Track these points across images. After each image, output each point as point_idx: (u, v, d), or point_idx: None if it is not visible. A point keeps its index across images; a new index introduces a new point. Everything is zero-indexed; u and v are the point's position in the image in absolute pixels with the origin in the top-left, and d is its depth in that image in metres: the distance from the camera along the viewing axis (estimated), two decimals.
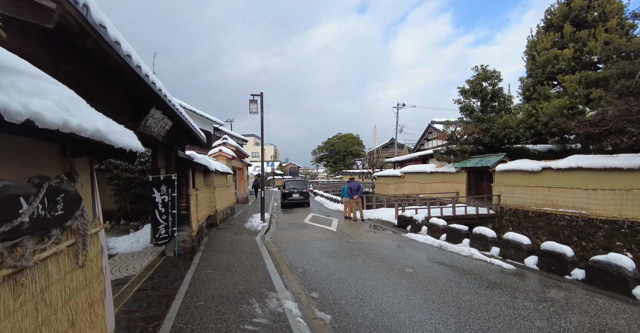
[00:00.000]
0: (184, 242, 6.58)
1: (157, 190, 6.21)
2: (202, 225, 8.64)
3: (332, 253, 7.05)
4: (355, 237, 8.82)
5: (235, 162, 16.18)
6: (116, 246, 7.10)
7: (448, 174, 16.18)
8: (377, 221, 11.88)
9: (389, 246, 7.71)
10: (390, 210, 13.81)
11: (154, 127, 4.58)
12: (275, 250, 7.44)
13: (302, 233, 9.51)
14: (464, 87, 16.73)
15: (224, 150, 13.04)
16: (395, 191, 21.07)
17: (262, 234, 9.37)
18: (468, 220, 12.43)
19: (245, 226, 10.65)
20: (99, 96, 3.14)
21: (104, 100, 3.28)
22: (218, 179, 10.96)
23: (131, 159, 2.57)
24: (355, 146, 48.95)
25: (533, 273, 5.50)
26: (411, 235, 8.89)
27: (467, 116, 16.43)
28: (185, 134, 6.96)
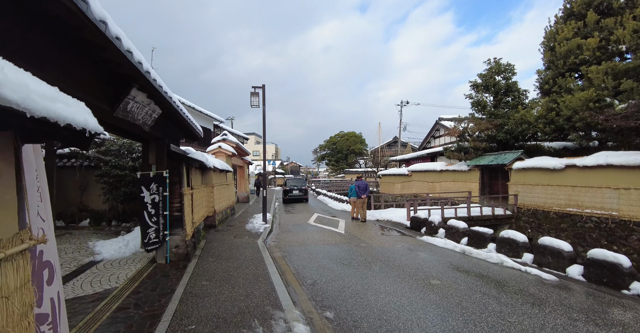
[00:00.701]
0: (177, 247, 5.83)
1: (147, 189, 5.46)
2: (198, 227, 7.90)
3: (343, 259, 6.29)
4: (367, 241, 8.06)
5: (235, 160, 15.42)
6: (102, 251, 6.36)
7: (459, 172, 15.40)
8: (387, 223, 11.11)
9: (405, 251, 6.95)
10: (400, 210, 13.04)
11: (137, 113, 3.82)
12: (280, 255, 6.69)
13: (308, 236, 8.76)
14: (476, 81, 15.93)
15: (223, 147, 12.29)
16: (402, 190, 20.30)
17: (265, 237, 8.61)
18: (484, 221, 11.67)
19: (246, 227, 9.90)
20: (56, 68, 2.38)
21: (66, 74, 2.53)
22: (217, 177, 10.21)
23: (82, 143, 1.81)
24: (357, 145, 48.16)
25: (580, 286, 4.73)
26: (427, 238, 8.13)
27: (480, 111, 15.63)
28: (179, 127, 6.21)
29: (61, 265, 5.50)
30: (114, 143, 8.02)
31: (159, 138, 5.61)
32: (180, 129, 6.46)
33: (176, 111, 4.75)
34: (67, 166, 9.56)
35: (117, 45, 2.42)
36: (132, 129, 4.75)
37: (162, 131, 5.55)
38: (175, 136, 6.55)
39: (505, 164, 12.58)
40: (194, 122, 6.27)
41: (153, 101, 4.06)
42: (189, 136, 7.30)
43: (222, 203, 10.85)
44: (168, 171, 5.66)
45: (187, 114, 5.52)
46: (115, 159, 7.90)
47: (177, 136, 6.69)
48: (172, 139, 6.48)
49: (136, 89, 3.49)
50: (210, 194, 9.41)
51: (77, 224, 9.31)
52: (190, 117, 5.91)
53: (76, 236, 8.05)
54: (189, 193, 6.30)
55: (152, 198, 5.49)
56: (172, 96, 4.41)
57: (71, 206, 9.38)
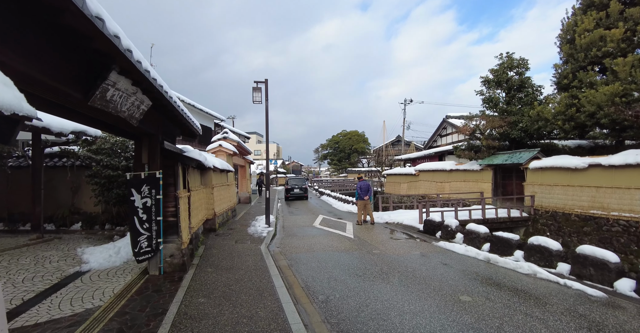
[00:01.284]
0: (172, 257, 5.23)
1: (137, 192, 4.86)
2: (197, 231, 7.30)
3: (356, 269, 5.67)
4: (379, 247, 7.44)
5: (236, 159, 14.83)
6: (90, 259, 5.76)
7: (471, 172, 14.75)
8: (398, 226, 10.49)
9: (423, 260, 6.33)
10: (410, 212, 12.40)
11: (120, 104, 3.21)
12: (285, 264, 6.08)
13: (315, 241, 8.15)
14: (487, 76, 15.27)
15: (224, 145, 11.68)
16: (409, 190, 19.67)
17: (268, 242, 8.01)
18: (499, 224, 11.05)
19: (248, 231, 9.29)
20: None
21: (22, 47, 1.92)
22: (217, 177, 9.61)
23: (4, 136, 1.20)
24: (360, 144, 47.52)
25: (636, 305, 4.10)
26: (445, 244, 7.50)
27: (491, 108, 14.98)
28: (175, 122, 5.59)
29: (42, 277, 4.92)
30: (106, 141, 7.43)
31: (152, 134, 5.00)
32: (176, 126, 5.85)
33: (168, 103, 4.14)
34: (57, 166, 8.98)
35: (79, 4, 1.80)
36: (118, 124, 4.15)
37: (154, 126, 4.95)
38: (170, 132, 5.95)
39: (521, 164, 11.94)
40: (191, 118, 5.66)
41: (140, 90, 3.45)
42: (187, 134, 6.70)
43: (223, 204, 10.25)
44: (162, 172, 5.05)
45: (182, 108, 4.91)
46: (108, 158, 7.31)
47: (172, 133, 6.08)
48: (167, 136, 5.87)
49: (116, 73, 2.88)
50: (210, 196, 8.81)
51: (68, 227, 8.73)
52: (186, 112, 5.30)
53: (65, 242, 7.47)
54: (185, 195, 5.69)
55: (143, 201, 4.89)
56: (164, 85, 3.80)
57: (62, 209, 8.80)
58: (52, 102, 2.99)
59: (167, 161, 5.29)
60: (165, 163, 5.28)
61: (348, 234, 9.07)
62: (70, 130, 7.23)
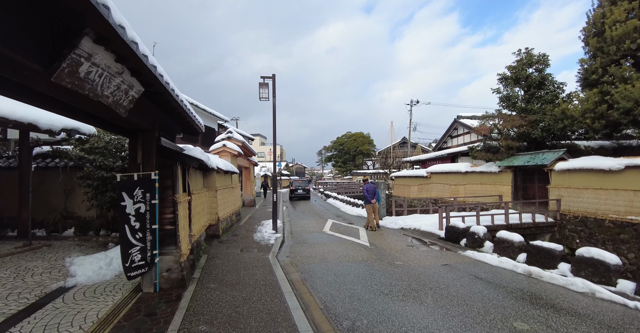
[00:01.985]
0: (170, 271, 4.52)
1: (129, 196, 4.17)
2: (199, 239, 6.60)
3: (381, 285, 4.93)
4: (400, 257, 6.69)
5: (241, 160, 14.16)
6: (78, 272, 5.08)
7: (488, 174, 13.95)
8: (415, 232, 9.73)
9: (455, 273, 5.57)
10: (426, 216, 11.63)
11: (101, 85, 2.52)
12: (298, 277, 5.35)
13: (327, 249, 7.42)
14: (505, 74, 14.51)
15: (228, 145, 11.01)
16: (419, 193, 18.88)
17: (277, 250, 7.30)
18: (523, 230, 10.25)
19: (254, 237, 8.58)
20: None
21: None
22: (221, 179, 8.93)
23: None
24: (365, 145, 46.77)
25: None
26: (474, 254, 6.74)
27: (509, 107, 14.20)
28: (174, 116, 4.92)
29: (18, 295, 4.23)
30: (99, 139, 6.77)
31: (146, 129, 4.33)
32: (176, 120, 5.17)
33: (164, 90, 3.46)
34: (49, 166, 8.34)
35: None
36: (103, 114, 3.47)
37: (149, 120, 4.27)
38: (169, 129, 5.27)
39: (545, 165, 11.14)
40: (191, 111, 4.98)
41: (127, 69, 2.77)
42: (188, 130, 6.02)
43: (227, 208, 9.56)
44: (158, 173, 4.36)
45: (182, 99, 4.23)
46: (101, 158, 6.65)
47: (171, 129, 5.40)
48: (166, 132, 5.20)
49: (91, 41, 2.19)
50: (213, 199, 8.12)
51: (61, 233, 8.07)
52: (187, 104, 4.62)
53: (55, 250, 6.80)
54: (185, 200, 4.99)
55: (136, 207, 4.19)
56: (157, 66, 3.12)
57: (54, 213, 8.14)
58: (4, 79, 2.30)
59: (165, 161, 4.61)
60: (162, 163, 4.59)
61: (362, 241, 8.33)
62: (60, 127, 6.58)
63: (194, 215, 5.95)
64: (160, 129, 4.77)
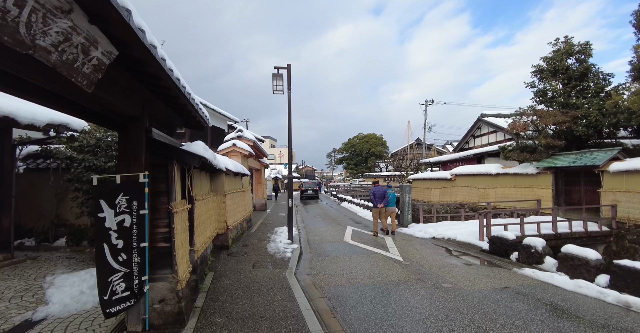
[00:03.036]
0: (163, 302, 3.48)
1: (110, 205, 3.15)
2: (204, 253, 5.58)
3: (435, 320, 3.78)
4: (445, 276, 5.52)
5: (252, 161, 13.18)
6: (53, 298, 4.11)
7: (523, 176, 12.60)
8: (450, 243, 8.51)
9: (525, 302, 4.37)
10: (458, 224, 10.38)
11: (26, 25, 1.49)
12: (326, 306, 4.25)
13: (354, 265, 6.29)
14: (540, 66, 13.18)
15: (238, 145, 10.03)
16: (442, 197, 17.56)
17: (295, 265, 6.22)
18: (574, 240, 8.92)
19: (268, 249, 7.53)
20: None
21: None
22: (230, 182, 7.92)
23: None
24: (378, 147, 45.46)
25: None
26: (534, 272, 5.52)
27: (545, 102, 12.84)
28: (170, 103, 3.90)
29: None
30: (90, 135, 5.84)
31: (133, 117, 3.32)
32: (175, 109, 4.16)
33: (150, 57, 2.42)
34: (40, 168, 7.49)
35: None
36: (63, 91, 2.46)
37: (137, 105, 3.26)
38: (165, 120, 4.27)
39: (596, 166, 9.78)
40: (193, 99, 3.95)
41: (78, 7, 1.74)
42: (190, 124, 5.02)
43: (237, 215, 8.54)
44: (148, 175, 3.34)
45: (178, 77, 3.20)
46: (92, 157, 5.70)
47: (168, 120, 4.40)
48: (162, 125, 4.20)
49: None
50: (222, 205, 7.11)
51: (51, 243, 7.19)
52: (188, 89, 3.60)
53: (40, 264, 5.88)
54: (184, 208, 3.95)
55: (118, 220, 3.17)
56: (146, 29, 2.11)
57: (44, 220, 7.27)
58: None
59: (158, 159, 3.58)
60: (154, 162, 3.58)
61: (393, 254, 7.17)
62: (45, 122, 5.67)
63: (198, 226, 4.93)
64: (153, 119, 3.76)
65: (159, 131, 3.73)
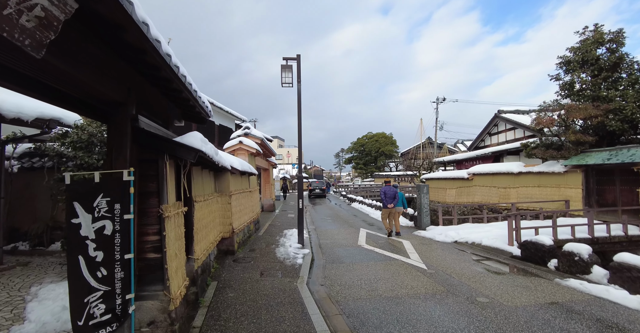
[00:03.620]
0: (153, 325, 2.90)
1: (86, 208, 2.59)
2: (207, 261, 5.02)
3: None
4: (479, 288, 4.83)
5: (259, 160, 12.63)
6: (32, 314, 3.59)
7: (549, 175, 11.75)
8: (475, 247, 7.79)
9: (583, 323, 3.66)
10: (481, 226, 9.63)
11: None
12: (345, 327, 3.61)
13: (373, 274, 5.65)
14: (566, 56, 12.30)
15: (245, 142, 9.47)
16: (458, 198, 16.75)
17: (307, 273, 5.61)
18: (612, 245, 8.14)
19: (277, 254, 6.94)
20: None
21: None
22: (236, 181, 7.36)
23: None
24: (388, 146, 44.57)
25: None
26: (582, 284, 4.79)
27: (572, 96, 11.96)
28: (159, 83, 3.33)
29: None
30: (82, 130, 5.34)
31: (117, 103, 2.75)
32: (168, 96, 3.59)
33: (126, 18, 1.84)
34: (35, 167, 7.04)
35: None
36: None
37: (121, 88, 2.70)
38: (161, 111, 3.71)
39: (636, 163, 8.91)
40: (191, 85, 3.38)
41: None
42: (189, 115, 4.45)
43: (244, 217, 7.98)
44: (134, 171, 2.77)
45: (170, 53, 2.62)
46: (84, 154, 5.20)
47: (164, 111, 3.84)
48: (157, 116, 3.63)
49: None
50: (227, 206, 6.55)
51: (47, 247, 6.72)
52: (182, 69, 3.02)
53: (30, 271, 5.40)
54: (178, 212, 3.35)
55: (97, 226, 2.61)
56: None
57: (39, 223, 6.82)
58: None
59: (146, 154, 3.01)
60: (143, 157, 3.00)
61: (415, 261, 6.50)
62: (34, 116, 5.19)
63: (198, 230, 4.37)
64: (146, 108, 3.20)
65: (150, 121, 3.16)
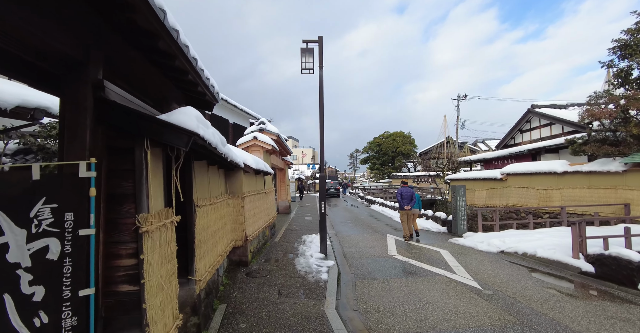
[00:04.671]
0: None
1: (16, 220, 1.67)
2: (214, 278, 4.09)
3: None
4: (557, 318, 3.70)
5: (275, 159, 11.73)
6: None
7: (602, 174, 10.31)
8: (529, 259, 6.58)
9: None
10: (529, 233, 8.34)
11: None
12: None
13: (416, 295, 4.59)
14: (622, 39, 10.81)
15: (260, 138, 8.57)
16: (489, 200, 15.36)
17: (335, 293, 4.60)
18: None
19: (297, 266, 5.97)
20: None
21: None
22: (250, 181, 6.44)
23: None
24: (406, 146, 43.04)
25: None
26: None
27: (629, 84, 10.49)
28: (143, 46, 2.41)
29: None
30: None
31: (72, 62, 1.83)
32: (159, 65, 2.67)
33: None
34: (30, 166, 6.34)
35: None
36: None
37: (77, 40, 1.78)
38: (150, 87, 2.79)
39: None
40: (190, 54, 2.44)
41: None
42: (191, 97, 3.53)
43: (259, 221, 7.06)
44: (98, 165, 1.86)
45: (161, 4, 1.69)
46: None
47: (158, 90, 2.92)
48: (142, 92, 2.72)
49: None
50: (239, 210, 5.63)
51: None
52: (175, 25, 2.08)
53: None
54: (164, 223, 2.39)
55: (34, 248, 1.70)
56: None
57: None
58: None
59: (119, 140, 2.08)
60: (113, 144, 2.08)
61: (463, 277, 5.39)
62: (14, 104, 4.40)
63: (202, 242, 3.45)
64: (121, 76, 2.29)
65: (133, 97, 2.24)
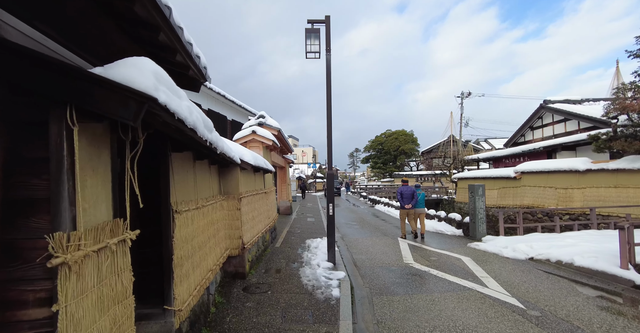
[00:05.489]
0: None
1: None
2: (202, 300, 3.29)
3: None
4: None
5: (275, 156, 10.91)
6: None
7: (631, 173, 9.52)
8: (564, 268, 5.78)
9: None
10: (560, 237, 7.53)
11: None
12: None
13: (448, 317, 3.79)
14: None
15: (259, 132, 7.75)
16: (501, 200, 14.58)
17: (350, 316, 3.80)
18: None
19: (302, 279, 5.15)
20: None
21: None
22: (248, 180, 5.63)
23: None
24: (408, 144, 42.21)
25: None
26: None
27: None
28: None
29: None
30: None
31: None
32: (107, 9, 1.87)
33: None
34: None
35: None
36: None
37: None
38: (97, 42, 1.98)
39: None
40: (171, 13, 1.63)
41: None
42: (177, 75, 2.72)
43: (258, 225, 6.25)
44: None
45: None
46: None
47: (104, 39, 2.11)
48: (83, 47, 1.90)
49: None
50: (235, 214, 4.83)
51: None
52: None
53: None
54: (100, 247, 1.55)
55: None
56: None
57: None
58: None
59: (23, 109, 1.27)
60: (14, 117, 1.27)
61: (498, 292, 4.59)
62: None
63: (186, 257, 2.67)
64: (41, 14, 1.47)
65: (57, 45, 1.43)
